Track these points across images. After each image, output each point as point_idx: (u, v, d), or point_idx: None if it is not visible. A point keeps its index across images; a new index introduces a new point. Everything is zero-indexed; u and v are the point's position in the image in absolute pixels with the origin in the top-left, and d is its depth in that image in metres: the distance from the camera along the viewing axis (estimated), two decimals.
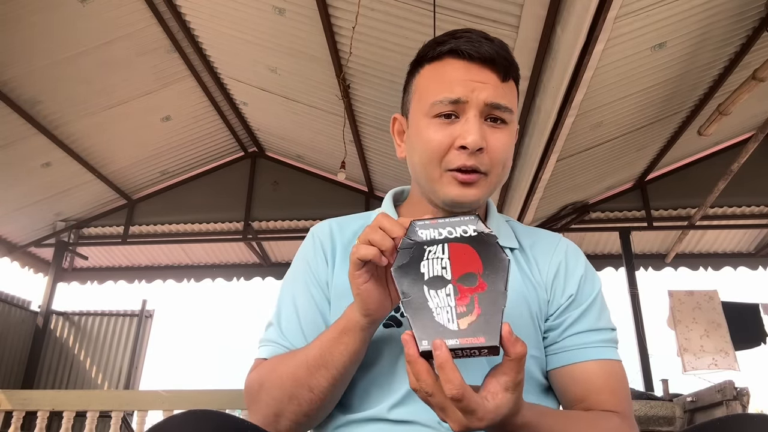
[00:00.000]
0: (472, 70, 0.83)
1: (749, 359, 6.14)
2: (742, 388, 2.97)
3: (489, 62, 0.83)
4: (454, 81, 0.83)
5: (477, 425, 0.60)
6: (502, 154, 0.85)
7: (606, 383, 0.84)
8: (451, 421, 0.61)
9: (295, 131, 5.82)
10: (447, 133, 0.83)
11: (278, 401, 0.79)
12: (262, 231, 6.56)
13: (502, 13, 3.19)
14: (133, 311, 7.55)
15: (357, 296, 0.73)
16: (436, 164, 0.84)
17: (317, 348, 0.78)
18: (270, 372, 0.82)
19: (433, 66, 0.87)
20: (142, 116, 5.45)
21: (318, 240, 0.97)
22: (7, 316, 6.86)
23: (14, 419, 3.72)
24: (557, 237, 0.97)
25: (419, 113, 0.87)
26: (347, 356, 0.76)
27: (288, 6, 3.91)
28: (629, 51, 3.47)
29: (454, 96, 0.82)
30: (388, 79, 4.26)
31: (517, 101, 0.90)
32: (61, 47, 4.44)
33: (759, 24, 3.70)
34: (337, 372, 0.76)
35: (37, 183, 5.69)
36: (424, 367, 0.60)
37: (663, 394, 4.07)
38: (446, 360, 0.58)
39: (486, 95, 0.82)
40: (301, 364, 0.78)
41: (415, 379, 0.61)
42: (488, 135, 0.83)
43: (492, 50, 0.83)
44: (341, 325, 0.76)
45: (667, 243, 6.51)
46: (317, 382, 0.77)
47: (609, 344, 0.87)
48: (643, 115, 4.35)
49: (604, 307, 0.91)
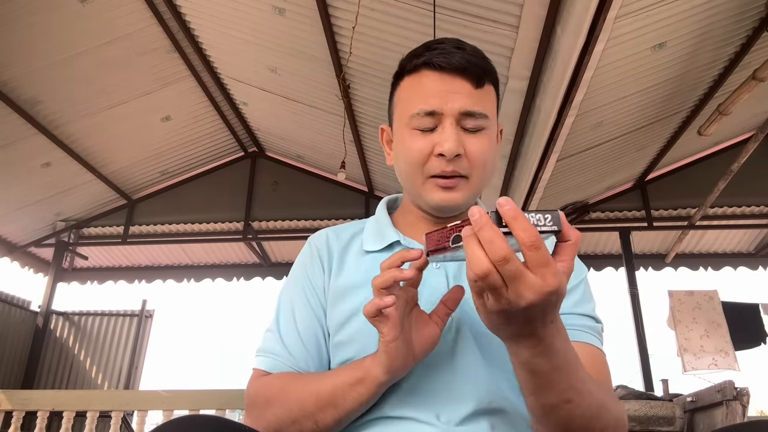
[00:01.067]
0: (445, 81, 0.86)
1: (749, 359, 6.14)
2: (742, 388, 2.96)
3: (461, 72, 0.86)
4: (429, 93, 0.87)
5: (552, 283, 0.57)
6: (480, 157, 0.87)
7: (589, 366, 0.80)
8: (527, 288, 0.57)
9: (295, 131, 5.82)
10: (427, 142, 0.87)
11: (282, 421, 0.81)
12: (262, 231, 6.56)
13: (502, 13, 3.19)
14: (133, 311, 7.55)
15: (385, 353, 0.73)
16: (419, 171, 0.88)
17: (330, 387, 0.78)
18: (279, 392, 0.84)
19: (411, 78, 0.91)
20: (142, 116, 5.45)
21: (315, 248, 1.00)
22: (7, 316, 6.86)
23: (14, 419, 3.72)
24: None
25: (401, 124, 0.91)
26: (359, 404, 0.77)
27: (288, 6, 3.91)
28: (629, 51, 3.47)
29: (429, 108, 0.86)
30: (387, 79, 4.21)
31: (496, 104, 0.93)
32: (61, 47, 4.44)
33: (759, 24, 3.70)
34: (344, 414, 0.77)
35: (37, 183, 5.70)
36: (497, 231, 0.57)
37: (663, 394, 4.07)
38: (518, 210, 0.57)
39: (460, 104, 0.85)
40: (311, 396, 0.79)
41: (487, 249, 0.57)
42: (466, 141, 0.86)
43: (463, 60, 0.86)
44: (359, 374, 0.76)
45: (667, 243, 6.51)
46: (323, 417, 0.78)
47: (591, 332, 0.86)
48: (643, 115, 4.35)
49: (588, 297, 0.91)
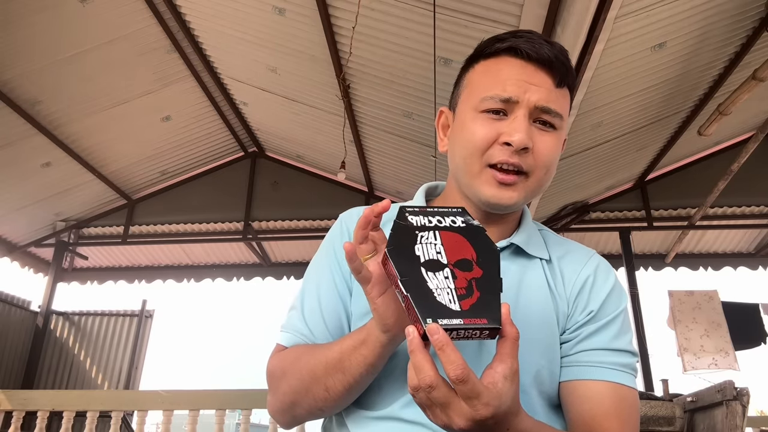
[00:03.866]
0: (527, 71, 0.82)
1: (749, 359, 6.15)
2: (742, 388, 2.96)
3: (546, 65, 0.82)
4: (507, 79, 0.82)
5: (483, 413, 0.58)
6: (548, 157, 0.83)
7: (616, 409, 0.79)
8: (457, 416, 0.58)
9: (295, 131, 5.81)
10: (493, 128, 0.82)
11: (296, 392, 0.81)
12: (262, 231, 6.56)
13: (502, 13, 3.19)
14: (133, 311, 7.55)
15: (374, 311, 0.70)
16: (477, 158, 0.83)
17: (337, 352, 0.77)
18: (293, 363, 0.83)
19: (489, 62, 0.86)
20: (142, 116, 5.45)
21: (345, 226, 0.95)
22: (7, 316, 6.86)
23: (14, 419, 3.72)
24: (589, 252, 0.94)
25: (468, 106, 0.85)
26: (364, 367, 0.75)
27: (288, 6, 3.90)
28: (629, 51, 3.47)
29: (506, 94, 0.81)
30: (387, 79, 4.26)
31: (569, 109, 0.88)
32: (62, 47, 4.44)
33: (759, 24, 3.70)
34: (352, 379, 0.76)
35: (37, 183, 5.69)
36: (426, 357, 0.58)
37: (663, 394, 4.06)
38: (447, 341, 0.56)
39: (538, 97, 0.81)
40: (320, 363, 0.78)
41: (416, 373, 0.58)
42: (535, 136, 0.82)
43: (551, 53, 0.82)
44: (362, 336, 0.74)
45: (667, 243, 6.51)
46: (333, 384, 0.77)
47: (625, 369, 0.83)
48: (643, 115, 4.35)
49: (626, 329, 0.87)
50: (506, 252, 0.89)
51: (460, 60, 3.69)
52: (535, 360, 0.81)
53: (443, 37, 3.50)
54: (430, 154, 4.88)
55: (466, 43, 3.52)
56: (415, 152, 5.19)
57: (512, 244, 0.89)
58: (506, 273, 0.85)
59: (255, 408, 3.77)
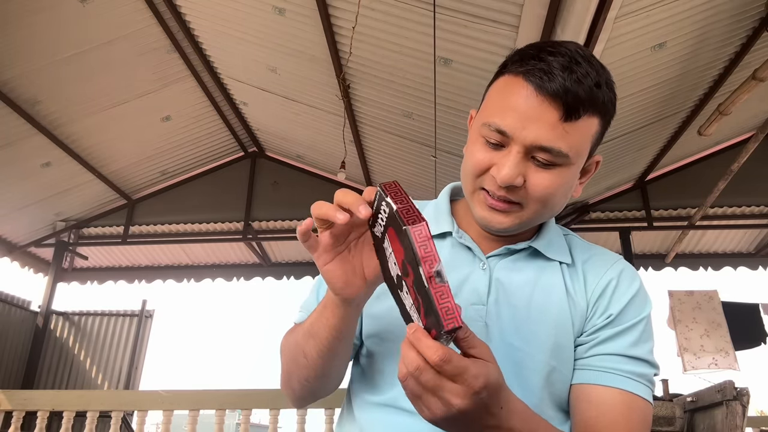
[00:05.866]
0: (531, 102, 0.75)
1: (749, 359, 6.15)
2: (742, 388, 2.96)
3: (553, 97, 0.74)
4: (509, 108, 0.77)
5: (475, 384, 0.58)
6: (542, 193, 0.78)
7: (624, 420, 0.76)
8: (452, 395, 0.58)
9: (295, 131, 5.82)
10: (487, 157, 0.79)
11: (287, 363, 0.86)
12: (262, 231, 6.56)
13: (502, 13, 3.19)
14: (133, 311, 7.55)
15: (323, 276, 0.72)
16: (472, 179, 0.82)
17: (309, 318, 0.81)
18: (287, 337, 0.89)
19: (507, 79, 0.80)
20: (142, 116, 5.45)
21: None
22: (7, 316, 6.86)
23: (14, 419, 3.72)
24: (615, 257, 0.91)
25: (478, 122, 0.82)
26: (329, 330, 0.76)
27: (288, 6, 3.91)
28: (629, 51, 3.47)
29: (502, 127, 0.76)
30: (387, 79, 4.26)
31: (593, 136, 0.80)
32: (61, 47, 4.44)
33: (759, 24, 3.70)
34: (321, 344, 0.78)
35: (37, 183, 5.69)
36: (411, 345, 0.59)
37: (663, 394, 4.06)
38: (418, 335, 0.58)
39: (535, 136, 0.74)
40: (300, 332, 0.83)
41: (402, 362, 0.60)
42: (530, 173, 0.77)
43: (562, 86, 0.73)
44: (325, 300, 0.77)
45: (667, 243, 6.51)
46: (308, 350, 0.80)
47: (640, 379, 0.79)
48: (643, 115, 4.35)
49: (647, 338, 0.83)
50: (523, 254, 0.88)
51: (460, 60, 3.71)
52: (546, 360, 0.81)
53: (443, 37, 3.50)
54: (430, 154, 4.88)
55: (466, 43, 3.53)
56: (415, 152, 5.19)
57: (530, 246, 0.88)
58: (521, 273, 0.86)
59: (255, 408, 3.77)
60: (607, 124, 0.82)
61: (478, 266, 0.86)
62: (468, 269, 0.86)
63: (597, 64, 0.77)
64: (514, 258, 0.88)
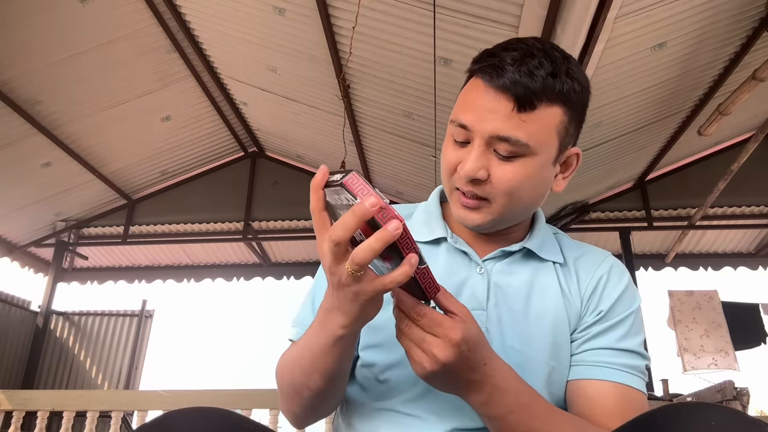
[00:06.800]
0: (487, 97, 0.78)
1: (749, 359, 6.14)
2: (742, 388, 2.96)
3: (504, 90, 0.76)
4: (469, 105, 0.80)
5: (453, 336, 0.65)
6: (506, 185, 0.79)
7: (619, 411, 0.78)
8: (434, 347, 0.65)
9: (295, 131, 5.81)
10: (456, 155, 0.82)
11: (286, 395, 0.85)
12: (262, 231, 6.56)
13: (502, 13, 3.19)
14: (133, 311, 7.56)
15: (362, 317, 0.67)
16: (448, 179, 0.84)
17: (308, 356, 0.75)
18: (281, 368, 0.85)
19: (473, 80, 0.83)
20: (142, 116, 5.45)
21: None
22: (7, 316, 6.87)
23: (14, 419, 3.72)
24: (604, 254, 0.94)
25: (449, 124, 0.85)
26: (340, 363, 0.75)
27: (288, 6, 3.90)
28: (629, 51, 3.46)
29: (464, 121, 0.80)
30: (387, 79, 4.25)
31: (554, 129, 0.79)
32: (61, 47, 4.44)
33: (759, 24, 3.70)
34: (331, 375, 0.76)
35: (37, 183, 5.69)
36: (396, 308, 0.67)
37: (663, 394, 4.07)
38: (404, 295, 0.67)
39: (492, 127, 0.76)
40: (297, 368, 0.79)
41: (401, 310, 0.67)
42: (494, 166, 0.78)
43: (511, 78, 0.75)
44: (330, 338, 0.71)
45: (667, 243, 6.51)
46: (314, 383, 0.78)
47: (632, 371, 0.81)
48: (643, 115, 4.35)
49: (636, 331, 0.85)
50: (517, 255, 0.89)
51: (460, 60, 3.71)
52: (546, 361, 0.82)
53: (443, 37, 3.50)
54: (430, 154, 4.88)
55: (466, 43, 3.52)
56: (415, 152, 5.19)
57: (524, 248, 0.89)
58: (518, 276, 0.87)
59: (255, 408, 3.77)
60: (577, 113, 0.81)
61: (475, 270, 0.87)
62: (465, 274, 0.86)
63: (557, 55, 0.78)
64: (510, 260, 0.88)
